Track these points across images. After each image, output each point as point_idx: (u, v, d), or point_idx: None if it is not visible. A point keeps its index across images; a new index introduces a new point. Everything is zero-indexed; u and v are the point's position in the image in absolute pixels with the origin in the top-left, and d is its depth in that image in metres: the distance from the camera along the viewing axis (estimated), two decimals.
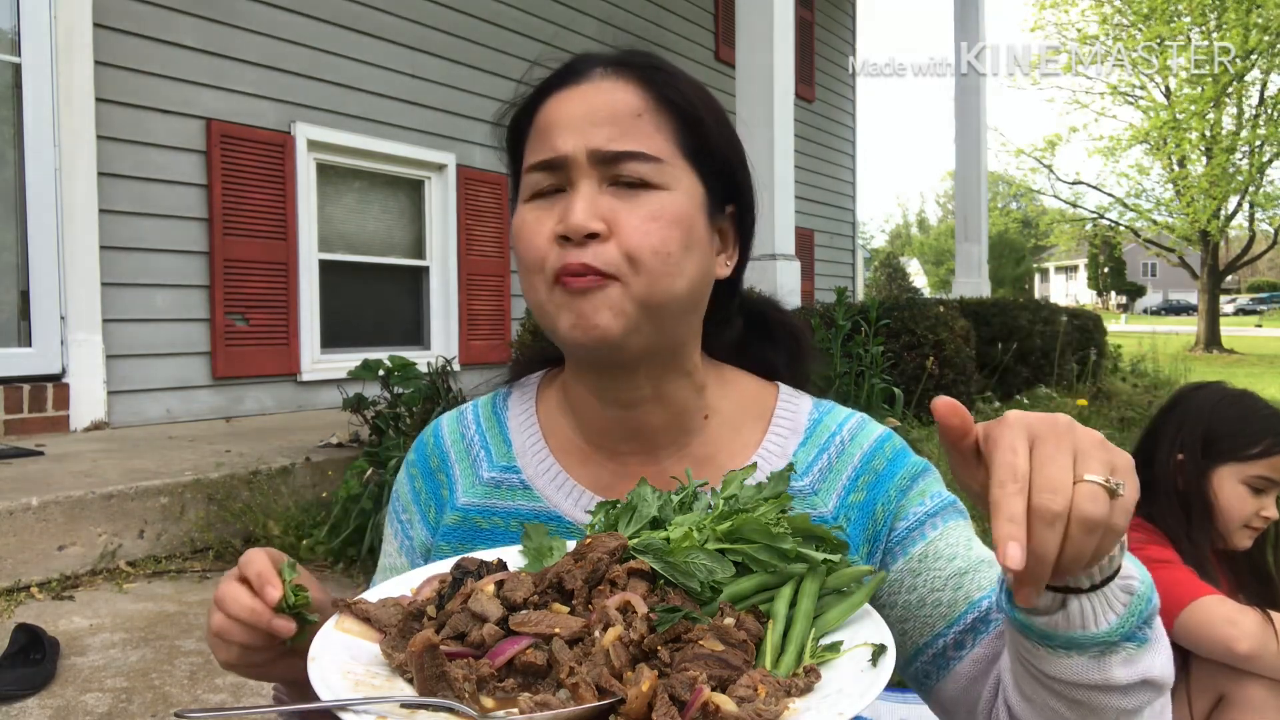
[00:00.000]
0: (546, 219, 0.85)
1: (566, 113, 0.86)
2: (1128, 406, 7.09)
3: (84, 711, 2.16)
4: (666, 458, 0.94)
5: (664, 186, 0.85)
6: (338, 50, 5.76)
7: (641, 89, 0.87)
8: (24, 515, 2.91)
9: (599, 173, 0.84)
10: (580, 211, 0.82)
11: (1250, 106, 20.26)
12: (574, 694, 0.61)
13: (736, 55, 5.46)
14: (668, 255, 0.84)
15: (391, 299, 6.40)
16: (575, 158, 0.84)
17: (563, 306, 0.84)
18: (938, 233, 71.98)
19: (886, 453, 0.95)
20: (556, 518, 0.93)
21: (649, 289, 0.83)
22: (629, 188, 0.85)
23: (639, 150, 0.85)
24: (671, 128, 0.87)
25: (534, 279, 0.86)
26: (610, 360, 0.88)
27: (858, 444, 0.95)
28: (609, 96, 0.86)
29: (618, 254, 0.83)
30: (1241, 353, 20.33)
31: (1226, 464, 1.79)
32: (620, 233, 0.83)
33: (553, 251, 0.84)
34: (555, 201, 0.86)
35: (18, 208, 4.40)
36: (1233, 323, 36.64)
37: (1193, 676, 1.66)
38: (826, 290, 10.84)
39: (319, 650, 0.69)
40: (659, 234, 0.84)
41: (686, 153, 0.88)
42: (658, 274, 0.83)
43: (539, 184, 0.87)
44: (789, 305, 1.11)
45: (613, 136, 0.84)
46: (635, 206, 0.84)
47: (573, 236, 0.82)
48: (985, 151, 9.42)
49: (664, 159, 0.86)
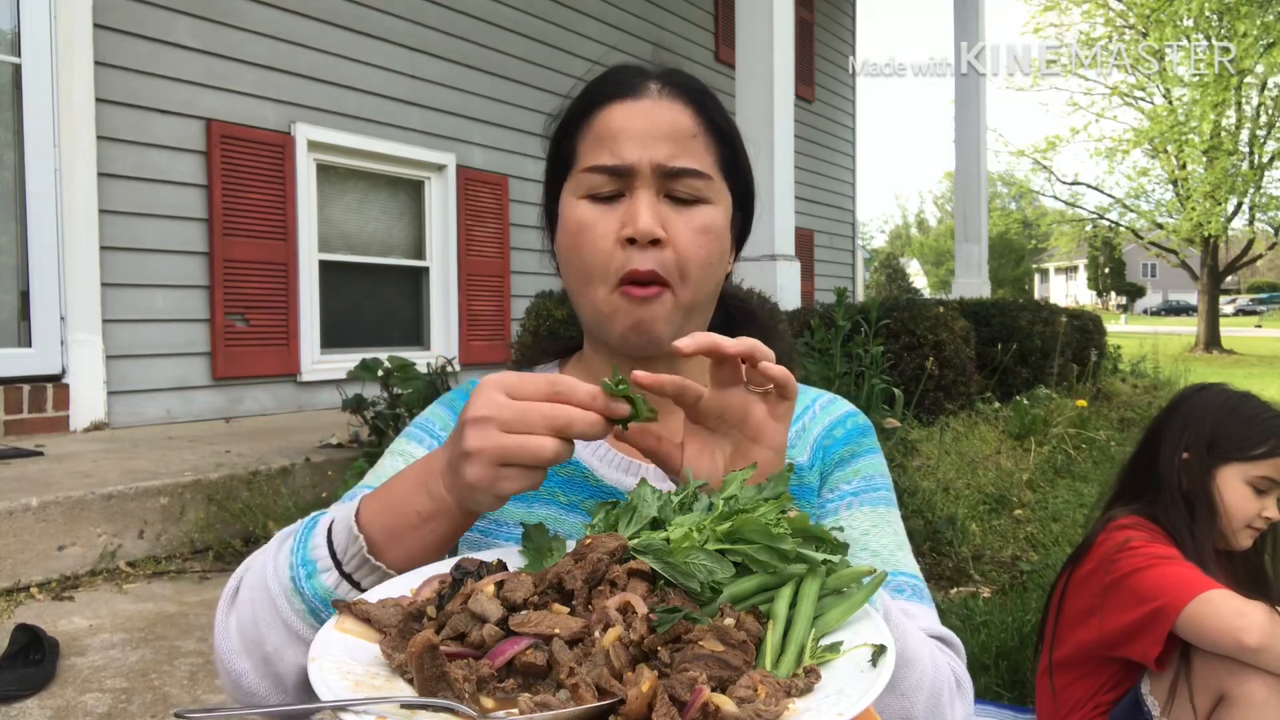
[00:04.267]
0: (608, 220, 0.93)
1: (631, 125, 0.94)
2: (1127, 407, 7.10)
3: (84, 712, 2.16)
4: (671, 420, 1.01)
5: (711, 201, 0.96)
6: (338, 50, 5.77)
7: (695, 111, 0.97)
8: (24, 515, 2.91)
9: (658, 184, 0.93)
10: (648, 218, 0.91)
11: (1250, 107, 20.27)
12: (574, 694, 0.61)
13: (736, 56, 5.46)
14: (710, 265, 0.95)
15: (391, 299, 6.41)
16: (640, 168, 0.93)
17: (621, 310, 0.93)
18: (938, 233, 72.00)
19: (847, 424, 1.08)
20: (574, 462, 1.00)
21: (693, 297, 0.95)
22: (681, 201, 0.94)
23: (696, 168, 0.94)
24: (717, 148, 0.98)
25: (593, 276, 0.94)
26: (646, 352, 0.97)
27: (827, 412, 1.09)
28: (670, 116, 0.95)
29: (674, 261, 0.92)
30: (1241, 353, 20.35)
31: (1230, 464, 1.80)
32: (676, 242, 0.92)
33: (618, 253, 0.92)
34: (615, 205, 0.94)
35: (18, 208, 4.40)
36: (1233, 323, 36.66)
37: (1194, 674, 1.66)
38: (826, 290, 10.85)
39: (319, 651, 0.69)
40: (706, 247, 0.94)
41: (724, 170, 0.99)
42: (699, 283, 0.95)
43: (598, 186, 0.94)
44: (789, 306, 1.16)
45: (674, 154, 0.93)
46: (689, 219, 0.94)
47: (640, 240, 0.91)
48: (985, 152, 9.43)
49: (713, 176, 0.96)
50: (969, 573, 3.40)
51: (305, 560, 0.82)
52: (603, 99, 0.97)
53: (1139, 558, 1.72)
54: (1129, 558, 1.73)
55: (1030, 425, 5.45)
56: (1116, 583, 1.73)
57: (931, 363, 5.15)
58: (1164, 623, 1.63)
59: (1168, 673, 1.70)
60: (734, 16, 5.50)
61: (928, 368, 5.11)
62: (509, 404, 0.74)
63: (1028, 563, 3.49)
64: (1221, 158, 19.37)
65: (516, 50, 6.83)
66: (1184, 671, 1.67)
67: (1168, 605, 1.63)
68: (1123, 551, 1.74)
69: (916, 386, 5.10)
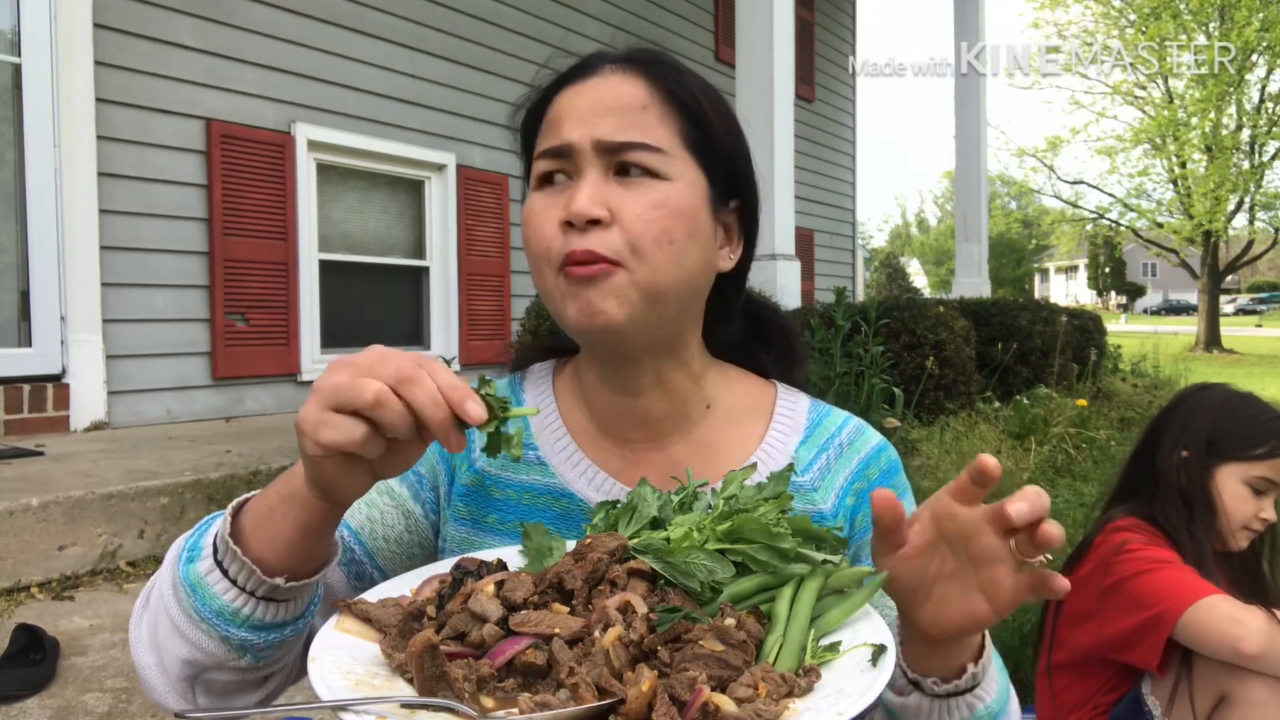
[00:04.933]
0: (553, 207, 0.87)
1: (575, 104, 0.88)
2: (1128, 407, 7.10)
3: (84, 711, 2.16)
4: (671, 445, 0.97)
5: (667, 177, 0.87)
6: (338, 50, 5.76)
7: (648, 83, 0.89)
8: (24, 515, 2.91)
9: (604, 162, 0.86)
10: (584, 198, 0.84)
11: (1251, 105, 20.27)
12: (574, 694, 0.61)
13: (736, 55, 5.46)
14: (669, 244, 0.86)
15: (391, 299, 6.40)
16: (580, 146, 0.86)
17: (568, 295, 0.85)
18: (938, 233, 71.97)
19: (881, 463, 1.00)
20: (569, 494, 0.95)
21: (651, 277, 0.85)
22: (633, 177, 0.86)
23: (642, 141, 0.86)
24: (676, 121, 0.89)
25: (541, 265, 0.88)
26: (615, 348, 0.90)
27: (856, 449, 1.00)
28: (616, 89, 0.89)
29: (621, 241, 0.84)
30: (1241, 353, 20.34)
31: (1229, 464, 1.80)
32: (623, 220, 0.84)
33: (558, 238, 0.85)
34: (563, 190, 0.88)
35: (18, 208, 4.40)
36: (1233, 323, 36.64)
37: (1195, 675, 1.66)
38: (826, 290, 10.84)
39: (319, 650, 0.69)
40: (660, 223, 0.85)
41: (690, 146, 0.90)
42: (660, 262, 0.85)
43: (544, 170, 0.89)
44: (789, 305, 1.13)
45: (618, 127, 0.86)
46: (638, 195, 0.86)
47: (576, 222, 0.84)
48: (985, 151, 9.43)
49: (667, 150, 0.87)
50: None
51: (194, 546, 0.78)
52: (557, 86, 0.92)
53: (1137, 561, 1.72)
54: (1127, 561, 1.73)
55: (1030, 425, 5.45)
56: (1114, 587, 1.73)
57: (931, 362, 5.15)
58: (1162, 629, 1.63)
59: (1168, 674, 1.70)
60: (734, 16, 5.50)
61: (928, 367, 5.11)
62: (371, 356, 0.68)
63: None
64: (1223, 155, 19.36)
65: (516, 50, 6.83)
66: (1185, 673, 1.67)
67: (1165, 612, 1.62)
68: (1120, 554, 1.74)
69: (916, 386, 5.10)
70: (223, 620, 0.76)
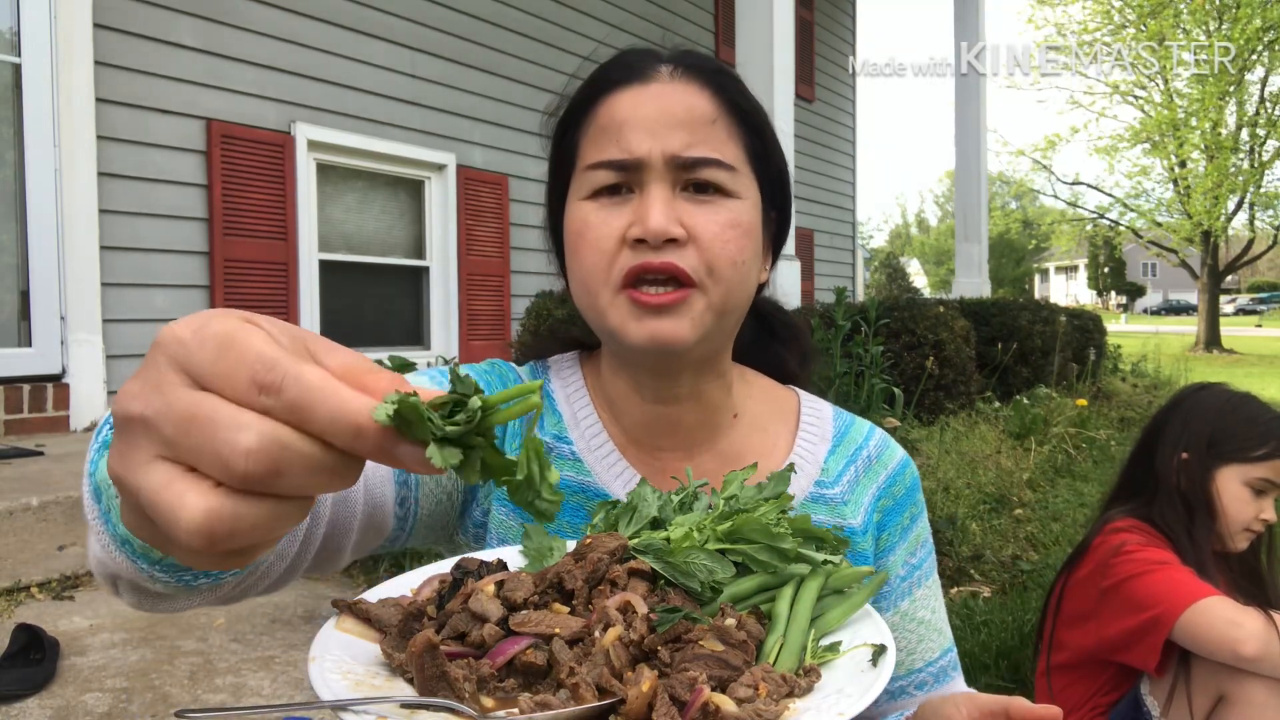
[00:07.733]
0: (614, 219, 0.82)
1: (638, 113, 0.83)
2: (1127, 407, 7.10)
3: (84, 711, 2.16)
4: (701, 454, 0.95)
5: (736, 195, 0.84)
6: (338, 50, 5.76)
7: (714, 94, 0.85)
8: (24, 515, 2.91)
9: (672, 177, 0.82)
10: (659, 215, 0.79)
11: (1251, 104, 20.27)
12: (574, 694, 0.61)
13: (736, 55, 5.46)
14: (742, 264, 0.83)
15: (391, 299, 6.40)
16: (650, 160, 0.81)
17: (632, 317, 0.81)
18: (938, 233, 71.98)
19: (906, 480, 0.99)
20: (603, 494, 0.91)
21: (725, 299, 0.83)
22: (702, 194, 0.83)
23: (717, 158, 0.83)
24: (741, 135, 0.86)
25: (594, 282, 0.83)
26: (666, 363, 0.86)
27: (883, 463, 0.99)
28: (684, 100, 0.84)
29: (698, 260, 0.81)
30: (1241, 353, 20.34)
31: (1229, 465, 1.79)
32: (700, 240, 0.81)
33: (621, 254, 0.81)
34: (623, 202, 0.83)
35: (18, 208, 4.40)
36: (1233, 323, 36.65)
37: (1193, 676, 1.66)
38: (826, 290, 10.84)
39: (319, 650, 0.69)
40: (735, 243, 0.82)
41: (752, 161, 0.87)
42: (732, 284, 0.83)
43: (602, 182, 0.84)
44: (789, 306, 1.12)
45: (690, 142, 0.82)
46: (712, 214, 0.82)
47: (652, 240, 0.79)
48: (985, 151, 9.43)
49: (737, 167, 0.84)
50: (969, 572, 3.40)
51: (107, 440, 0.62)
52: (607, 86, 0.86)
53: (1135, 563, 1.72)
54: (1125, 563, 1.73)
55: (1030, 424, 5.46)
56: (1113, 588, 1.73)
57: (931, 362, 5.15)
58: (1160, 631, 1.63)
59: (1167, 675, 1.70)
60: (734, 16, 5.50)
61: (928, 367, 5.11)
62: (179, 403, 0.39)
63: (1028, 562, 3.50)
64: (1223, 154, 19.36)
65: (516, 50, 6.83)
66: (1183, 674, 1.67)
67: (1163, 614, 1.62)
68: (1119, 556, 1.74)
69: (916, 386, 5.10)
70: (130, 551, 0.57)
